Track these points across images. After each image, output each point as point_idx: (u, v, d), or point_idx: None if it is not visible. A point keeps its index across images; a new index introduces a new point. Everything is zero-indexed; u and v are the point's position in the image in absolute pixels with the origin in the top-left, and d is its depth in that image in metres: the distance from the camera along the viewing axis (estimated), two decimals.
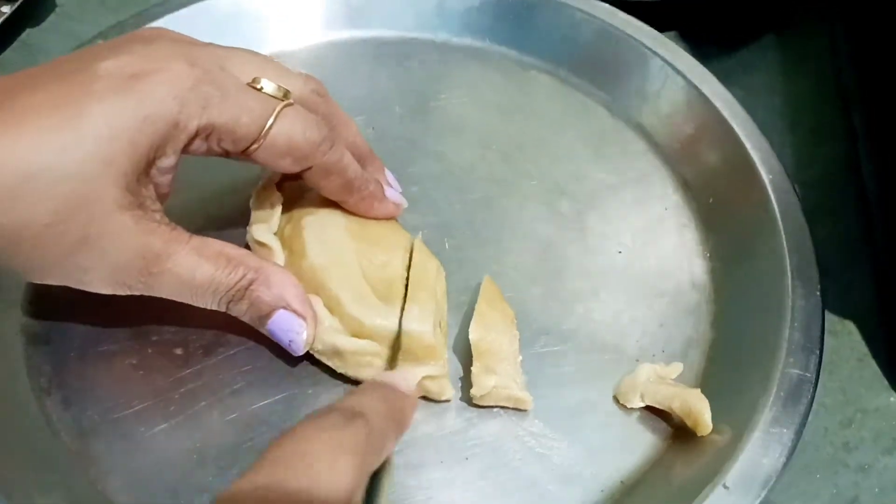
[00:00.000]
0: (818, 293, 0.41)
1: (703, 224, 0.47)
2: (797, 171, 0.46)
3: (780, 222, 0.43)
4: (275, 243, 0.41)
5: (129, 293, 0.36)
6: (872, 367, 0.44)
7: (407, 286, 0.40)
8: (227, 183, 0.47)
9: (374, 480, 0.29)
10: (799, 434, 0.36)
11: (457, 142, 0.51)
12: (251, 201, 0.43)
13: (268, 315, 0.38)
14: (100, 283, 0.36)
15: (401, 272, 0.41)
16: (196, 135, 0.35)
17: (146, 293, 0.36)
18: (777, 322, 0.40)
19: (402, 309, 0.39)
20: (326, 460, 0.26)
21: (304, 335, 0.38)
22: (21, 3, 0.56)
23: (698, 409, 0.37)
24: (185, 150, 0.35)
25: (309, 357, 0.40)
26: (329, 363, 0.40)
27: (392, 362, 0.39)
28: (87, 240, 0.33)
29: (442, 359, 0.39)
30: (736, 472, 0.35)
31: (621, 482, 0.38)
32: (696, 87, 0.49)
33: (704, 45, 0.57)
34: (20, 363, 0.40)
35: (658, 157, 0.50)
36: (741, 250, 0.45)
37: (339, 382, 0.40)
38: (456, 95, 0.53)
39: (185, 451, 0.38)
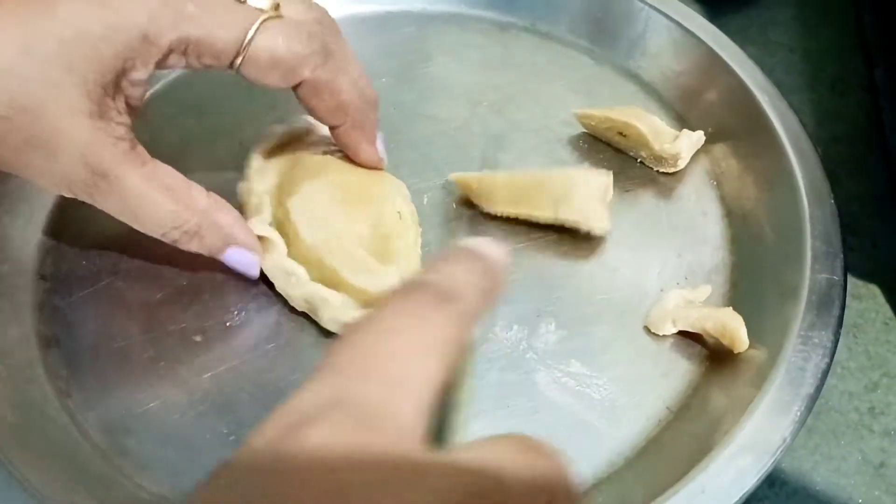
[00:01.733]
0: (832, 201, 0.41)
1: (707, 155, 0.47)
2: (818, 129, 0.44)
3: (783, 138, 0.43)
4: (273, 234, 0.40)
5: (74, 197, 0.36)
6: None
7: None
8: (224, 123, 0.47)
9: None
10: (837, 337, 0.36)
11: (448, 103, 0.50)
12: (238, 196, 0.42)
13: (218, 251, 0.39)
14: (49, 184, 0.35)
15: (392, 224, 0.41)
16: (170, 50, 0.34)
17: (92, 203, 0.36)
18: (795, 235, 0.40)
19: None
20: (411, 363, 0.21)
21: (255, 266, 0.39)
22: None
23: (733, 327, 0.37)
24: (162, 65, 0.35)
25: (328, 333, 0.40)
26: None
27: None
28: (39, 139, 0.33)
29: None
30: (782, 379, 0.35)
31: (667, 408, 0.38)
32: (680, 25, 0.50)
33: (719, 5, 0.57)
34: (38, 367, 0.39)
35: (650, 96, 0.50)
36: (748, 174, 0.45)
37: None
38: (440, 61, 0.53)
39: (220, 435, 0.37)
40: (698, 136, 0.46)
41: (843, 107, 0.52)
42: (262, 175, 0.43)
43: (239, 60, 0.35)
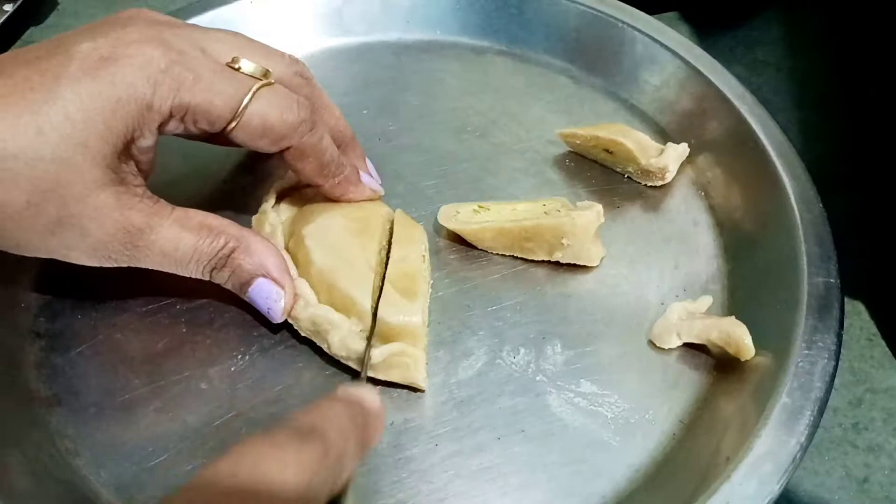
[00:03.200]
0: (820, 205, 0.42)
1: (692, 166, 0.48)
2: (804, 147, 0.45)
3: (766, 145, 0.44)
4: (284, 256, 0.41)
5: (115, 265, 0.37)
6: (882, 347, 0.44)
7: (387, 265, 0.41)
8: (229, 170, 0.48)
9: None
10: (840, 339, 0.37)
11: (431, 131, 0.51)
12: (252, 229, 0.43)
13: (248, 282, 0.39)
14: (85, 258, 0.36)
15: (418, 265, 0.41)
16: (171, 116, 0.35)
17: (131, 265, 0.37)
18: (789, 241, 0.41)
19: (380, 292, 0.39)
20: (275, 466, 0.24)
21: (282, 302, 0.39)
22: (22, 1, 0.57)
23: (738, 335, 0.38)
24: (161, 130, 0.36)
25: (338, 363, 0.40)
26: (360, 368, 0.39)
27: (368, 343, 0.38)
28: (67, 218, 0.34)
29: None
30: (791, 385, 0.36)
31: (680, 421, 0.38)
32: (655, 40, 0.51)
33: (706, 24, 0.58)
34: (43, 430, 0.38)
35: (630, 112, 0.51)
36: (736, 183, 0.46)
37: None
38: (420, 89, 0.53)
39: None
40: (683, 148, 0.47)
41: (827, 126, 0.53)
42: (277, 209, 0.44)
43: (232, 126, 0.36)
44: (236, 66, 0.37)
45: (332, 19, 0.55)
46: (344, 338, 0.38)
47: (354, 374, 0.40)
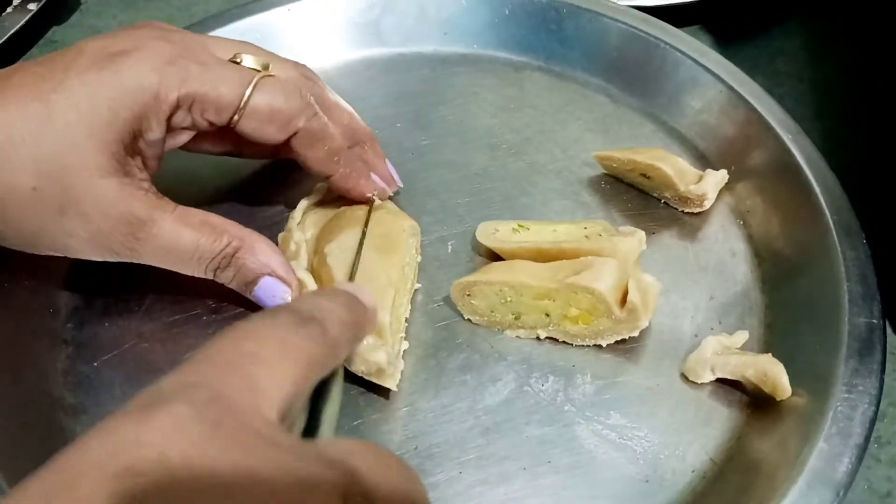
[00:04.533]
0: (864, 242, 0.41)
1: (731, 193, 0.47)
2: (827, 159, 0.44)
3: (811, 178, 0.43)
4: (308, 278, 0.40)
5: (116, 259, 0.37)
6: None
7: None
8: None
9: (322, 390, 0.27)
10: (881, 383, 0.36)
11: (465, 147, 0.50)
12: (279, 246, 0.42)
13: (254, 281, 0.39)
14: (86, 249, 0.37)
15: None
16: (178, 106, 0.36)
17: (133, 259, 0.38)
18: (831, 276, 0.40)
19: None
20: (268, 364, 0.23)
21: (289, 300, 0.39)
22: (46, 1, 0.57)
23: (774, 374, 0.37)
24: (169, 122, 0.37)
25: (361, 379, 0.39)
26: (374, 379, 0.38)
27: None
28: (71, 204, 0.35)
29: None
30: (829, 430, 0.35)
31: (710, 459, 0.37)
32: (697, 62, 0.49)
33: (728, 36, 0.57)
34: (66, 439, 0.38)
35: (669, 135, 0.50)
36: (777, 213, 0.44)
37: None
38: (455, 103, 0.52)
39: None
40: (722, 175, 0.46)
41: (850, 136, 0.52)
42: (302, 226, 0.43)
43: (238, 116, 0.37)
44: (238, 61, 0.38)
45: (368, 29, 0.55)
46: (363, 352, 0.38)
47: (377, 389, 0.39)
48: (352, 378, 0.39)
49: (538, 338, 0.41)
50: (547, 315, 0.40)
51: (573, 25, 0.53)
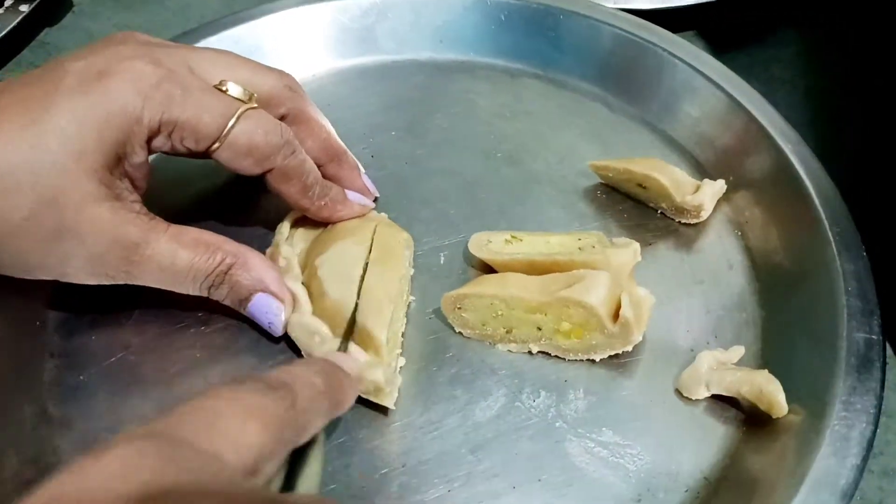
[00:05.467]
0: (864, 254, 0.40)
1: (729, 204, 0.46)
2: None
3: (810, 189, 0.42)
4: (299, 290, 0.40)
5: (112, 282, 0.37)
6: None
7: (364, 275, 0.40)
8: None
9: (299, 459, 0.27)
10: (880, 402, 0.35)
11: (459, 155, 0.49)
12: None
13: (247, 298, 0.39)
14: (82, 274, 0.37)
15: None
16: (159, 131, 0.36)
17: (129, 281, 0.37)
18: (829, 290, 0.39)
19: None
20: (233, 421, 0.23)
21: (283, 316, 0.39)
22: (38, 2, 0.57)
23: (770, 391, 0.36)
24: (149, 146, 0.36)
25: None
26: (372, 398, 0.38)
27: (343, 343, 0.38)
28: (64, 231, 0.35)
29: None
30: (826, 450, 0.34)
31: (704, 478, 0.36)
32: (696, 69, 0.49)
33: (723, 42, 0.57)
34: (53, 455, 0.37)
35: (667, 144, 0.49)
36: (775, 225, 0.44)
37: None
38: (450, 111, 0.52)
39: None
40: (720, 186, 0.45)
41: (845, 143, 0.51)
42: (291, 240, 0.43)
43: (217, 146, 0.37)
44: (223, 89, 0.38)
45: (362, 35, 0.54)
46: (361, 370, 0.37)
47: (368, 403, 0.38)
48: None
49: (530, 352, 0.40)
50: (539, 329, 0.39)
51: (569, 32, 0.53)
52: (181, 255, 0.37)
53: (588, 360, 0.40)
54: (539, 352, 0.40)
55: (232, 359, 0.41)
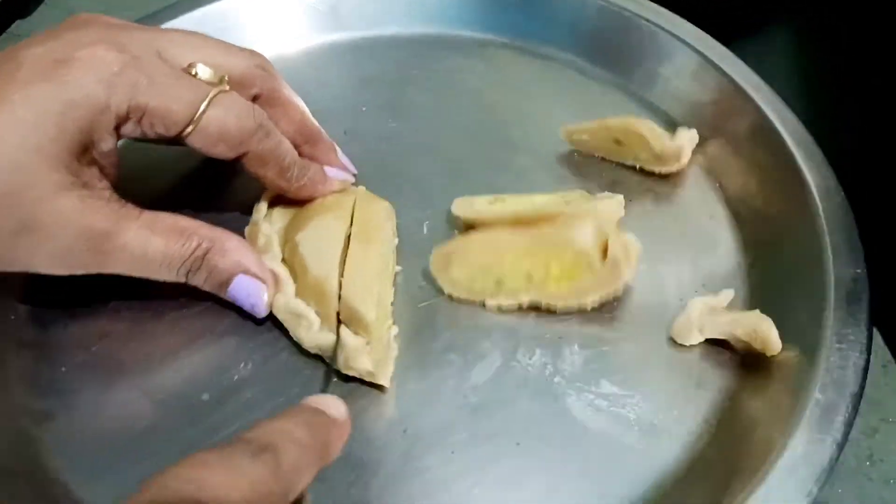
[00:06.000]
0: (842, 194, 0.40)
1: (706, 157, 0.46)
2: None
3: (784, 135, 0.43)
4: (281, 269, 0.39)
5: (83, 272, 0.36)
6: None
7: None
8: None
9: None
10: (870, 332, 0.36)
11: (436, 128, 0.49)
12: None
13: (227, 281, 0.38)
14: (51, 265, 0.35)
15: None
16: (127, 118, 0.35)
17: (101, 271, 0.36)
18: (811, 232, 0.39)
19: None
20: (214, 489, 0.23)
21: (265, 297, 0.38)
22: None
23: (763, 329, 0.36)
24: (117, 132, 0.35)
25: (341, 376, 0.38)
26: (367, 379, 0.37)
27: (328, 321, 0.37)
28: (29, 223, 0.33)
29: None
30: (824, 381, 0.34)
31: (706, 421, 0.36)
32: (666, 30, 0.49)
33: (715, 36, 0.56)
34: (34, 446, 0.36)
35: (641, 105, 0.49)
36: (754, 174, 0.44)
37: None
38: (421, 85, 0.51)
39: None
40: (693, 133, 0.45)
41: (840, 137, 0.51)
42: (269, 218, 0.42)
43: (188, 131, 0.36)
44: (193, 73, 0.37)
45: (326, 13, 0.53)
46: (348, 359, 0.37)
47: (364, 384, 0.38)
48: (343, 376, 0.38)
49: (521, 307, 0.40)
50: (529, 278, 0.39)
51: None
52: (154, 243, 0.36)
53: (580, 312, 0.40)
54: (530, 308, 0.40)
55: (215, 342, 0.40)
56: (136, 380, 0.38)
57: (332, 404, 0.29)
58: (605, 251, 0.38)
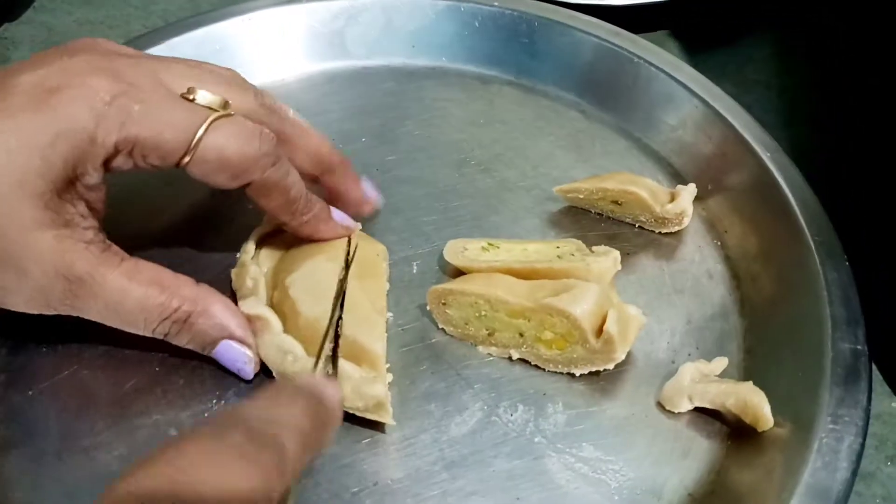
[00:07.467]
0: (846, 262, 0.39)
1: (708, 212, 0.45)
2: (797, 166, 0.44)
3: (790, 197, 0.42)
4: (268, 313, 0.38)
5: (55, 313, 0.35)
6: (874, 373, 0.40)
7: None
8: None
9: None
10: (868, 413, 0.34)
11: (432, 163, 0.48)
12: (232, 283, 0.40)
13: (212, 343, 0.37)
14: (23, 304, 0.34)
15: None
16: (116, 151, 0.33)
17: (73, 314, 0.35)
18: (811, 299, 0.38)
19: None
20: (221, 488, 0.22)
21: (251, 365, 0.37)
22: None
23: (755, 403, 0.35)
24: (108, 167, 0.33)
25: None
26: (370, 415, 0.36)
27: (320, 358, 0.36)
28: (4, 257, 0.32)
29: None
30: (814, 464, 0.33)
31: (689, 494, 0.35)
32: (672, 77, 0.48)
33: (696, 43, 0.56)
34: None
35: (643, 152, 0.48)
36: (755, 233, 0.43)
37: None
38: (422, 118, 0.51)
39: None
40: (692, 188, 0.44)
41: (819, 144, 0.51)
42: (257, 259, 0.41)
43: (186, 160, 0.34)
44: (191, 97, 0.34)
45: (332, 40, 0.53)
46: (358, 387, 0.35)
47: (354, 419, 0.36)
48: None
49: (510, 358, 0.39)
50: (521, 335, 0.38)
51: (544, 39, 0.52)
52: (132, 295, 0.34)
53: (568, 373, 0.38)
54: (518, 361, 0.39)
55: (191, 373, 0.39)
56: (103, 410, 0.37)
57: (328, 386, 0.28)
58: (602, 323, 0.36)
